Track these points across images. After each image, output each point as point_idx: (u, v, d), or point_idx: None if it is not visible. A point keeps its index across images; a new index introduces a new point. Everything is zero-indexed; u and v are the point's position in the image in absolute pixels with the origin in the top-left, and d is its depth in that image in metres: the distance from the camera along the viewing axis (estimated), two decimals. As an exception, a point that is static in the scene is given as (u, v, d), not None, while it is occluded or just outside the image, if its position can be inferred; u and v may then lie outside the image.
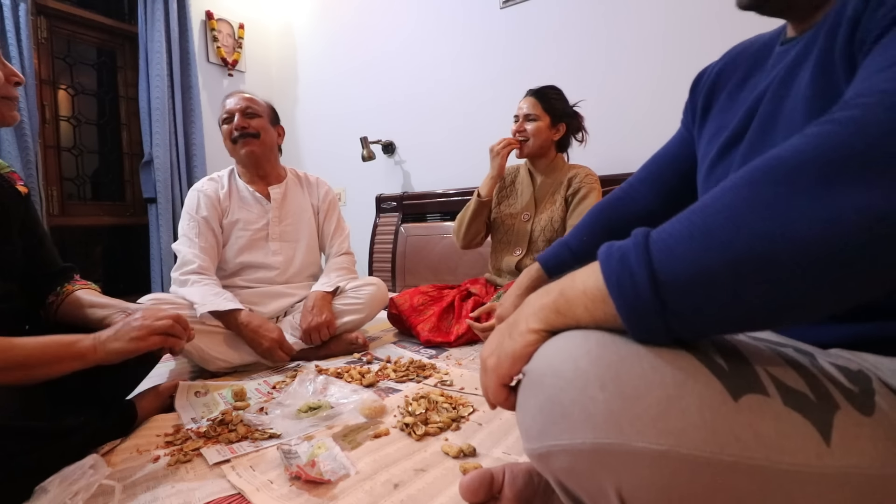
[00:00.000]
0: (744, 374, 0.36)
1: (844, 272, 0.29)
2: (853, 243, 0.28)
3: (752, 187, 0.32)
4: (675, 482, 0.34)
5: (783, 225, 0.30)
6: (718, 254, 0.31)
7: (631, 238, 0.36)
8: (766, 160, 0.32)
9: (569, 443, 0.36)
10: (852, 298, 0.31)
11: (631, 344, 0.37)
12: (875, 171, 0.29)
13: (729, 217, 0.31)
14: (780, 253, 0.30)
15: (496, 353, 0.43)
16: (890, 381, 0.40)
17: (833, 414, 0.35)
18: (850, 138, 0.30)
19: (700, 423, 0.33)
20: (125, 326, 0.82)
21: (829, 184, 0.29)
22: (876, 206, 0.28)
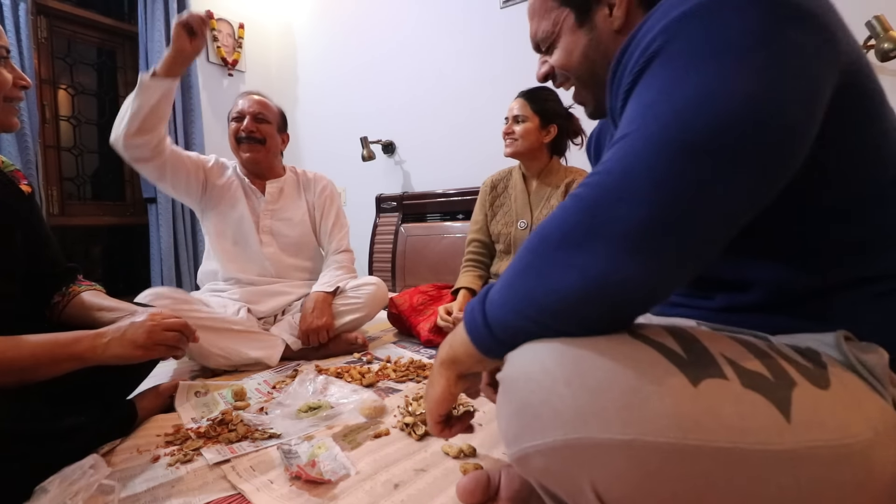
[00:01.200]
0: (702, 360, 0.37)
1: (578, 314, 0.39)
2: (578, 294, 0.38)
3: (522, 255, 0.43)
4: (644, 471, 0.35)
5: (538, 285, 0.40)
6: (511, 309, 0.43)
7: (479, 295, 0.48)
8: (537, 228, 0.43)
9: (542, 443, 0.38)
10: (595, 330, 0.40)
11: (593, 341, 0.39)
12: (591, 236, 0.38)
13: (513, 279, 0.43)
14: (540, 302, 0.40)
15: (427, 398, 0.56)
16: (832, 354, 0.41)
17: (791, 391, 0.36)
18: (575, 213, 0.40)
19: (662, 411, 0.35)
20: (131, 330, 0.80)
21: (565, 249, 0.39)
22: (592, 266, 0.37)
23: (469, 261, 1.74)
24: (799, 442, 0.35)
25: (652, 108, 0.39)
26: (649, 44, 0.42)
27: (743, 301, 0.50)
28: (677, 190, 0.36)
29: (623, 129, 0.41)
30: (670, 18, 0.40)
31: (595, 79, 0.60)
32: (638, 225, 0.36)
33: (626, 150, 0.39)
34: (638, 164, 0.37)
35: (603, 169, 0.40)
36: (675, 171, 0.36)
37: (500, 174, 1.74)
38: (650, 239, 0.36)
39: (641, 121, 0.39)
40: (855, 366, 0.40)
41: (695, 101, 0.37)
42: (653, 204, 0.36)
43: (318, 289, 1.49)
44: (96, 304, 0.94)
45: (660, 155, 0.37)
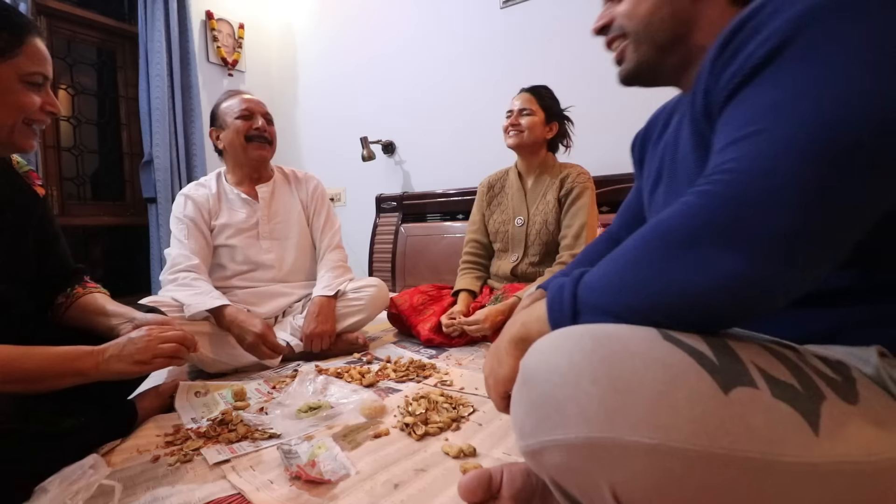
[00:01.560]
0: (733, 367, 0.37)
1: (693, 313, 0.39)
2: (706, 294, 0.38)
3: (639, 249, 0.42)
4: (667, 477, 0.34)
5: (655, 279, 0.40)
6: (614, 298, 0.42)
7: (570, 277, 0.47)
8: (651, 225, 0.42)
9: (562, 438, 0.37)
10: (695, 328, 0.40)
11: (624, 340, 0.38)
12: (727, 238, 0.36)
13: (624, 271, 0.42)
14: (654, 295, 0.40)
15: (492, 375, 0.55)
16: (864, 370, 0.41)
17: (820, 404, 0.36)
18: (705, 211, 0.38)
19: (691, 417, 0.34)
20: (129, 346, 0.81)
21: (692, 248, 0.38)
22: (725, 268, 0.36)
23: (467, 262, 1.75)
24: (825, 456, 0.34)
25: (792, 106, 0.37)
26: (777, 31, 0.39)
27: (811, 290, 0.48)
28: (825, 198, 0.35)
29: (751, 124, 0.38)
30: (806, 6, 0.38)
31: (653, 38, 0.57)
32: (780, 231, 0.35)
33: (764, 149, 0.37)
34: (780, 167, 0.35)
35: (736, 167, 0.38)
36: (822, 177, 0.34)
37: (497, 174, 1.75)
38: (791, 246, 0.35)
39: (778, 118, 0.37)
40: (886, 382, 0.39)
41: (842, 103, 0.35)
42: (797, 210, 0.34)
43: (319, 293, 1.48)
44: (97, 308, 0.94)
45: (805, 159, 0.35)
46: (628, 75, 0.62)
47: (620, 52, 0.62)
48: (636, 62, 0.60)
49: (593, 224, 1.55)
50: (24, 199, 0.89)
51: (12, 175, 0.89)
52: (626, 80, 0.63)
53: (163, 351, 0.83)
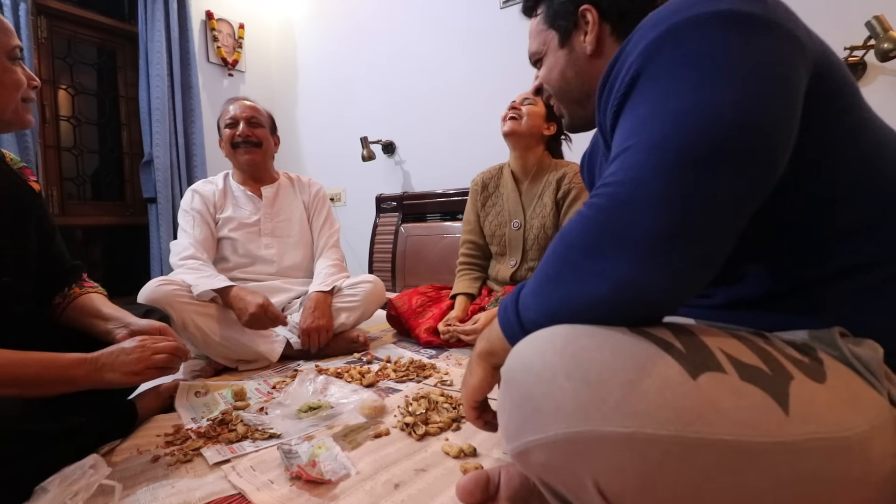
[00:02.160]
0: (700, 354, 0.38)
1: (609, 318, 0.41)
2: (606, 299, 0.41)
3: (553, 263, 0.45)
4: (645, 464, 0.35)
5: (571, 292, 0.43)
6: (544, 314, 0.45)
7: (512, 294, 0.50)
8: (559, 237, 0.45)
9: (543, 436, 0.38)
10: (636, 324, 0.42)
11: (592, 334, 0.40)
12: (614, 245, 0.40)
13: (544, 286, 0.45)
14: (571, 308, 0.43)
15: (463, 387, 0.60)
16: (828, 350, 0.42)
17: (788, 384, 0.37)
18: (593, 223, 0.42)
19: (662, 404, 0.35)
20: (122, 356, 0.81)
21: (591, 257, 0.41)
22: (617, 273, 0.39)
23: (464, 264, 1.73)
24: (797, 434, 0.35)
25: (649, 121, 0.42)
26: (633, 63, 0.45)
27: (740, 295, 0.51)
28: (685, 196, 0.38)
29: (625, 142, 0.43)
30: (649, 40, 0.44)
31: (569, 95, 0.68)
32: (654, 232, 0.38)
33: (632, 160, 0.41)
34: (644, 175, 0.40)
35: (614, 180, 0.42)
36: (680, 179, 0.38)
37: (490, 172, 1.71)
38: (666, 244, 0.38)
39: (641, 133, 0.41)
40: (850, 360, 0.41)
41: (686, 112, 0.40)
42: (664, 212, 0.38)
43: (315, 289, 1.50)
44: (92, 311, 0.94)
45: (663, 164, 0.39)
46: (570, 127, 0.74)
47: (557, 108, 0.73)
48: (569, 117, 0.72)
49: None
50: (22, 195, 0.89)
51: (8, 171, 0.89)
52: (571, 130, 0.75)
53: (154, 362, 0.83)
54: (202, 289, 1.32)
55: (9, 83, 0.80)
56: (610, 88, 0.49)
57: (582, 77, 0.66)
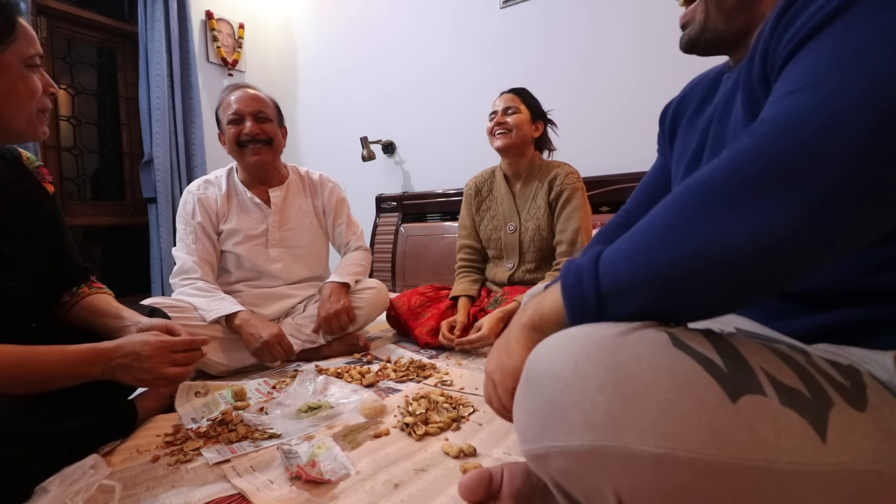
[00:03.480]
0: (742, 374, 0.36)
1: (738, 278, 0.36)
2: (749, 253, 0.34)
3: (669, 210, 0.38)
4: (673, 484, 0.34)
5: (691, 238, 0.36)
6: (643, 268, 0.38)
7: (587, 257, 0.42)
8: (684, 185, 0.38)
9: (566, 444, 0.37)
10: (752, 297, 0.38)
11: (631, 347, 0.37)
12: (773, 187, 0.34)
13: (653, 236, 0.38)
14: (700, 255, 0.36)
15: (499, 369, 0.50)
16: (878, 374, 0.40)
17: (828, 411, 0.35)
18: (754, 160, 0.35)
19: (698, 426, 0.34)
20: (137, 363, 0.80)
21: (732, 200, 0.35)
22: (776, 217, 0.34)
23: (462, 267, 1.72)
24: (832, 464, 0.34)
25: (858, 59, 0.35)
26: None
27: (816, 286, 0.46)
28: (887, 152, 0.33)
29: (812, 75, 0.36)
30: None
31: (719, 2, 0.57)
32: (835, 182, 0.33)
33: (823, 99, 0.35)
34: (842, 116, 0.33)
35: (785, 117, 0.35)
36: (888, 131, 0.33)
37: (483, 176, 1.70)
38: (844, 199, 0.33)
39: (842, 71, 0.35)
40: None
41: None
42: (857, 162, 0.33)
43: (334, 279, 1.48)
44: (103, 310, 0.94)
45: (871, 110, 0.33)
46: (690, 40, 0.61)
47: (690, 13, 0.60)
48: (702, 26, 0.59)
49: (588, 227, 1.51)
50: (36, 197, 0.89)
51: (24, 172, 0.89)
52: (688, 47, 0.62)
53: (167, 375, 0.83)
54: (213, 316, 1.29)
55: (23, 91, 0.77)
56: (797, 12, 0.41)
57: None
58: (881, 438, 0.36)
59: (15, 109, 0.77)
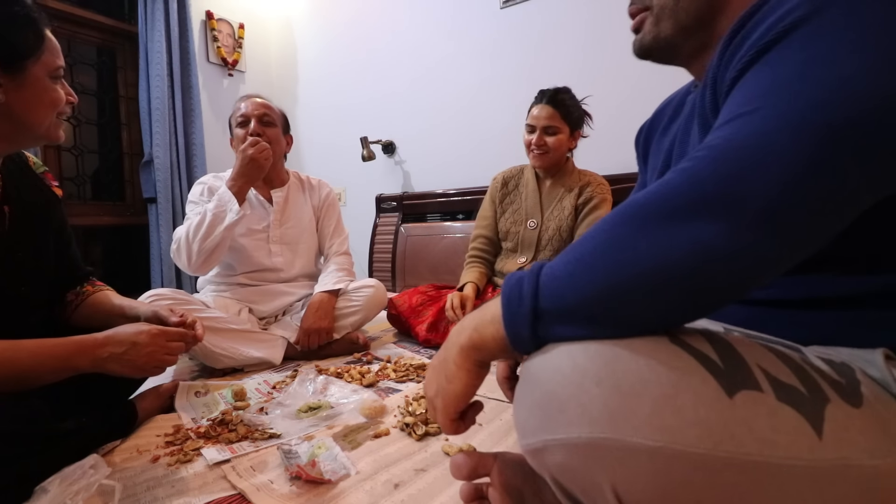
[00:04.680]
0: (738, 370, 0.37)
1: (675, 293, 0.36)
2: (685, 269, 0.35)
3: (610, 228, 0.39)
4: (670, 478, 0.35)
5: (628, 257, 0.37)
6: (584, 280, 0.38)
7: (528, 271, 0.42)
8: (625, 204, 0.39)
9: (564, 437, 0.37)
10: (689, 315, 0.38)
11: (628, 342, 0.38)
12: (708, 208, 0.35)
13: (594, 252, 0.39)
14: (630, 275, 0.37)
15: (440, 395, 0.49)
16: (870, 372, 0.41)
17: (824, 407, 0.36)
18: (692, 184, 0.37)
19: (695, 420, 0.34)
20: (132, 352, 0.79)
21: (670, 221, 0.36)
22: (704, 239, 0.35)
23: (473, 257, 1.72)
24: (828, 459, 0.34)
25: (790, 87, 0.36)
26: (790, 11, 0.39)
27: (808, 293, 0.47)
28: (812, 174, 0.34)
29: (749, 104, 0.38)
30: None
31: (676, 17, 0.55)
32: (766, 203, 0.34)
33: (758, 126, 0.36)
34: (772, 141, 0.35)
35: (725, 143, 0.37)
36: (814, 154, 0.34)
37: (512, 171, 1.72)
38: (775, 219, 0.34)
39: (777, 98, 0.37)
40: (891, 385, 0.39)
41: (847, 85, 0.35)
42: (785, 184, 0.34)
43: (320, 289, 1.50)
44: (110, 307, 0.94)
45: (798, 135, 0.35)
46: (642, 48, 0.60)
47: (639, 22, 0.59)
48: (654, 37, 0.58)
49: None
50: (46, 202, 0.89)
51: (32, 176, 0.89)
52: (640, 53, 0.61)
53: (164, 362, 0.83)
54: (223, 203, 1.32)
55: (47, 101, 0.79)
56: (743, 39, 0.43)
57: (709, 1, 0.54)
58: (877, 434, 0.36)
59: (39, 118, 0.79)
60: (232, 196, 1.35)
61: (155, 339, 0.82)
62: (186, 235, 1.33)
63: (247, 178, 1.40)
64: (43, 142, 0.85)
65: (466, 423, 0.52)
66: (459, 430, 0.52)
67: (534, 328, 0.40)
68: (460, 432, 0.52)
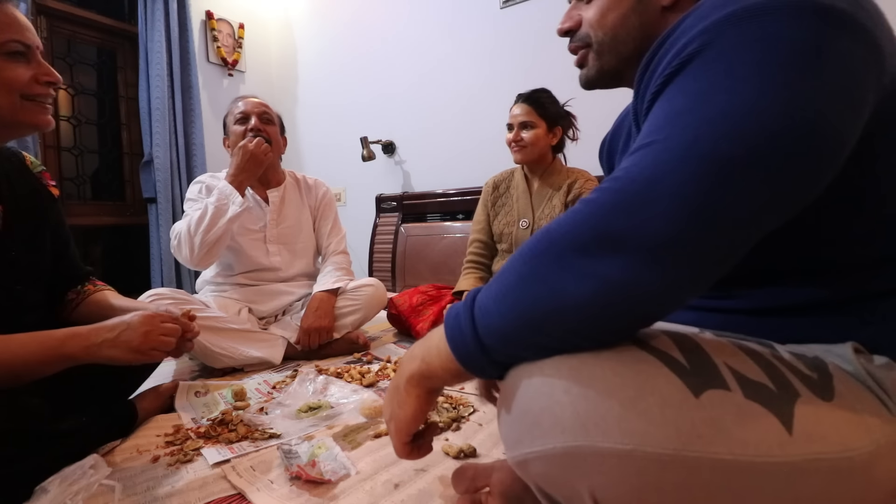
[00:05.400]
0: (704, 369, 0.37)
1: (592, 324, 0.38)
2: (593, 302, 0.36)
3: (524, 261, 0.40)
4: (643, 481, 0.35)
5: (543, 292, 0.38)
6: (511, 312, 0.40)
7: (464, 300, 0.44)
8: (539, 235, 0.40)
9: (541, 449, 0.38)
10: (612, 339, 0.39)
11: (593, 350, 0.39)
12: (609, 244, 0.36)
13: (513, 287, 0.40)
14: (548, 309, 0.38)
15: (394, 419, 0.50)
16: (842, 366, 0.41)
17: (794, 403, 0.36)
18: (590, 219, 0.38)
19: (662, 422, 0.34)
20: (127, 333, 0.77)
21: (577, 256, 0.37)
22: (611, 275, 0.36)
23: (470, 262, 1.74)
24: (800, 455, 0.34)
25: (683, 117, 0.37)
26: (686, 45, 0.40)
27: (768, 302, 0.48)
28: (705, 206, 0.35)
29: (649, 136, 0.39)
30: (712, 20, 0.38)
31: (618, 48, 0.57)
32: (662, 238, 0.35)
33: (652, 158, 0.37)
34: (664, 176, 0.36)
35: (624, 175, 0.38)
36: (705, 187, 0.35)
37: (503, 175, 1.74)
38: (673, 252, 0.35)
39: (670, 129, 0.37)
40: (864, 378, 0.40)
41: (732, 114, 0.35)
42: (678, 218, 0.35)
43: (320, 288, 1.50)
44: (110, 306, 0.93)
45: (689, 169, 0.35)
46: (588, 81, 0.62)
47: (582, 58, 0.62)
48: (598, 70, 0.60)
49: None
50: (42, 201, 0.88)
51: (28, 176, 0.89)
52: (587, 86, 0.63)
53: (161, 343, 0.80)
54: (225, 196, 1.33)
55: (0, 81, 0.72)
56: (655, 68, 0.44)
57: (645, 31, 0.55)
58: (849, 426, 0.36)
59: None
60: (234, 189, 1.35)
61: (149, 319, 0.79)
62: (188, 229, 1.32)
63: (247, 173, 1.40)
64: (25, 129, 0.79)
65: (422, 447, 0.54)
66: (412, 455, 0.53)
67: (489, 358, 0.41)
68: (413, 458, 0.53)
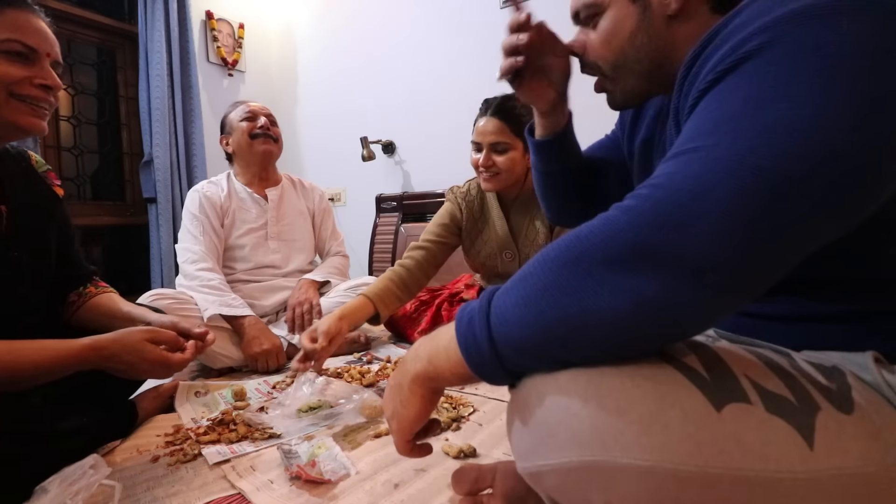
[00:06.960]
0: (725, 382, 0.36)
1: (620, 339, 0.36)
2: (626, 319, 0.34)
3: (550, 269, 0.38)
4: (662, 496, 0.34)
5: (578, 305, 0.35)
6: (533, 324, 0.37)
7: (478, 302, 0.41)
8: (568, 240, 0.38)
9: (556, 462, 0.37)
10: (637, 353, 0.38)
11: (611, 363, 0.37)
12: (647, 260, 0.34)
13: (537, 297, 0.37)
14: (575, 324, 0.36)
15: (396, 418, 0.49)
16: (862, 376, 0.40)
17: (815, 416, 0.35)
18: (628, 231, 0.35)
19: (684, 437, 0.34)
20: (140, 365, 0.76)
21: (610, 270, 0.35)
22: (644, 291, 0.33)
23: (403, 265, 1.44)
24: (821, 470, 0.34)
25: (736, 123, 0.35)
26: (743, 41, 0.37)
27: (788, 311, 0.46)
28: (757, 225, 0.32)
29: (694, 140, 0.36)
30: (774, 17, 0.36)
31: (631, 66, 0.56)
32: (707, 259, 0.33)
33: (699, 168, 0.34)
34: (712, 189, 0.33)
35: (667, 184, 0.35)
36: (759, 205, 0.32)
37: (470, 192, 1.45)
38: (718, 273, 0.33)
39: (720, 136, 0.35)
40: (883, 389, 0.39)
41: (793, 126, 0.33)
42: (726, 238, 0.32)
43: (305, 277, 1.56)
44: (112, 310, 0.93)
45: (740, 183, 0.32)
46: (616, 105, 0.62)
47: (599, 85, 0.61)
48: (622, 93, 0.60)
49: None
50: (46, 201, 0.88)
51: (33, 175, 0.88)
52: (616, 108, 0.63)
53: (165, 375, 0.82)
54: (217, 312, 1.33)
55: None
56: (704, 62, 0.41)
57: (655, 45, 0.53)
58: (869, 440, 0.35)
59: None
60: (245, 306, 1.40)
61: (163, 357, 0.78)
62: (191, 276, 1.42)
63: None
64: (14, 131, 0.76)
65: (423, 445, 0.53)
66: (414, 454, 0.52)
67: (502, 367, 0.40)
68: (414, 456, 0.52)
